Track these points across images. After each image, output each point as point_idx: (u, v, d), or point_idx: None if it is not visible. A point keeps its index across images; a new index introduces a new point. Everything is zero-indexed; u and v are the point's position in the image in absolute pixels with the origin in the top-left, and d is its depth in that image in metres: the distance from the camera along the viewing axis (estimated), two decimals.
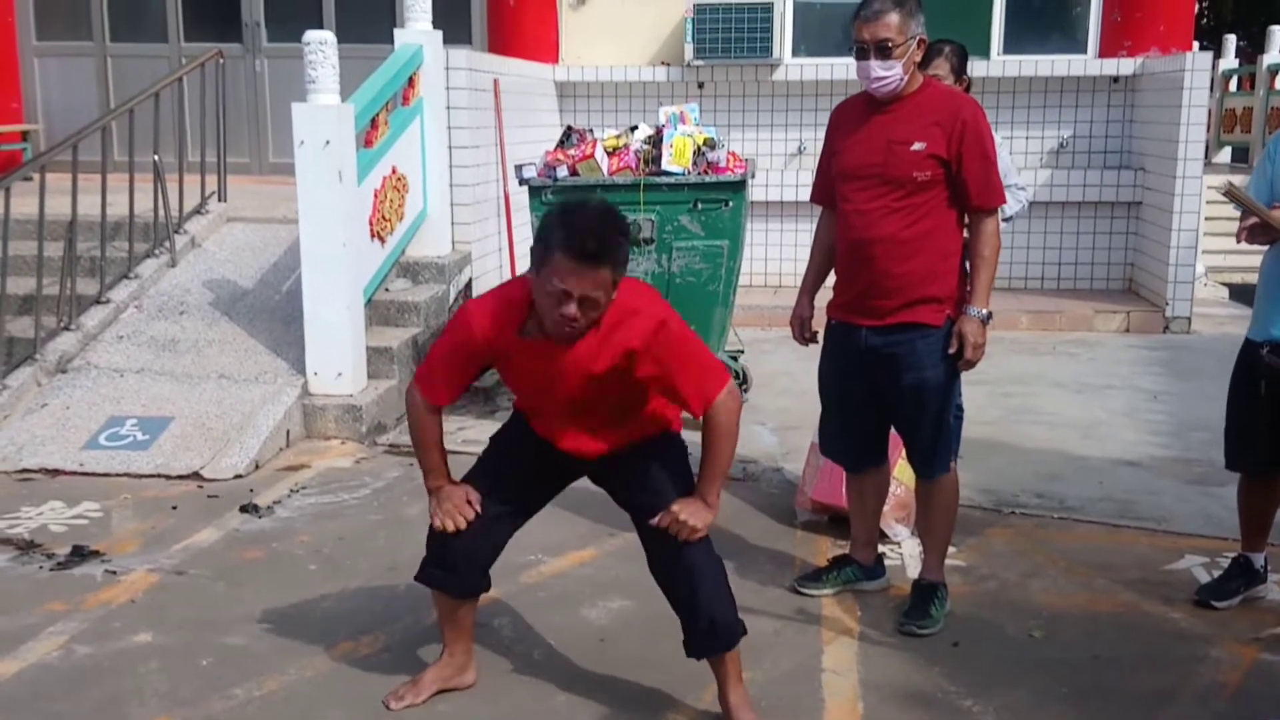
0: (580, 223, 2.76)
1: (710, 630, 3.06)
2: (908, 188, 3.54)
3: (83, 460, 5.34)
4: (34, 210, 6.14)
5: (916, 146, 3.51)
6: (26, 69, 9.83)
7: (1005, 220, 4.41)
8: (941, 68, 4.34)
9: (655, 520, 3.02)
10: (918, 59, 3.57)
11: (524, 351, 2.98)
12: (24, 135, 9.45)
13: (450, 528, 3.09)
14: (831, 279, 3.89)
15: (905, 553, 4.32)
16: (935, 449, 3.72)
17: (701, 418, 2.99)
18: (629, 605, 3.89)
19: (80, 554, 4.30)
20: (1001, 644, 3.62)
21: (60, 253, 6.30)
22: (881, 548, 4.13)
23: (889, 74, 3.50)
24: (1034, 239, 9.09)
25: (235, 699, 3.27)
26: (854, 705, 3.25)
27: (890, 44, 3.46)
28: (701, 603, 3.05)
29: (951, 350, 3.59)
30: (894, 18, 3.46)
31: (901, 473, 4.28)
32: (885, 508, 4.14)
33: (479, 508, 3.12)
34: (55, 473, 5.26)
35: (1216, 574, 4.01)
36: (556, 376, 2.96)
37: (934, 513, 3.81)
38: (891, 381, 3.67)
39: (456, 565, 3.18)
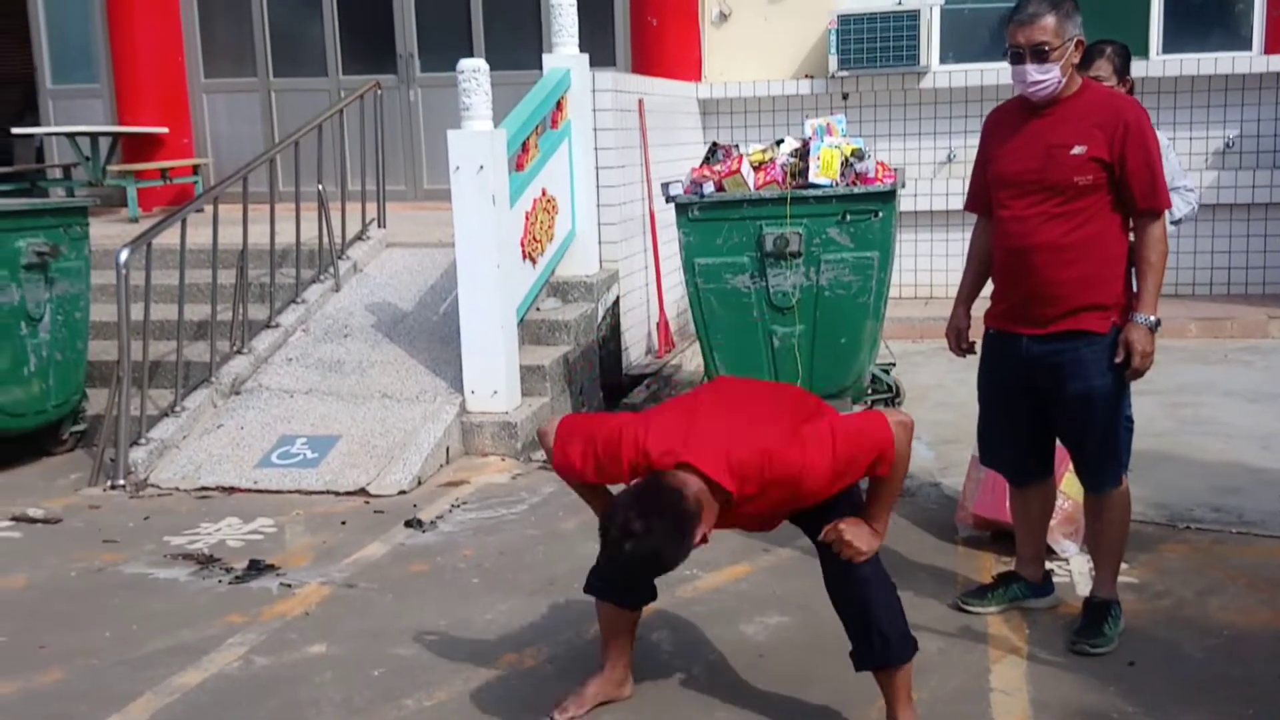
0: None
1: (883, 644, 3.03)
2: (1068, 193, 3.45)
3: (256, 478, 5.58)
4: (208, 240, 6.45)
5: (1077, 150, 3.42)
6: (196, 105, 10.32)
7: (1174, 224, 4.27)
8: (1104, 69, 4.22)
9: (822, 535, 3.02)
10: (1075, 61, 3.48)
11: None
12: (195, 169, 9.91)
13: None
14: (988, 289, 3.83)
15: (1074, 569, 4.18)
16: (1104, 462, 3.60)
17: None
18: (787, 621, 3.87)
19: (257, 568, 4.49)
20: (1179, 663, 3.48)
21: (232, 280, 6.59)
22: (1049, 564, 4.01)
23: (1046, 77, 3.42)
24: (1201, 243, 8.74)
25: (406, 709, 3.37)
26: None
27: (1047, 47, 3.38)
28: (872, 618, 3.02)
29: (1118, 359, 3.48)
30: (1050, 20, 3.39)
31: (1068, 486, 4.16)
32: (1052, 522, 4.02)
33: None
34: (231, 490, 5.50)
35: None
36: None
37: (1105, 528, 3.69)
38: (1057, 392, 3.57)
39: (621, 579, 3.20)
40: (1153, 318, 3.48)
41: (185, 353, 6.26)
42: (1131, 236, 3.56)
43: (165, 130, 10.00)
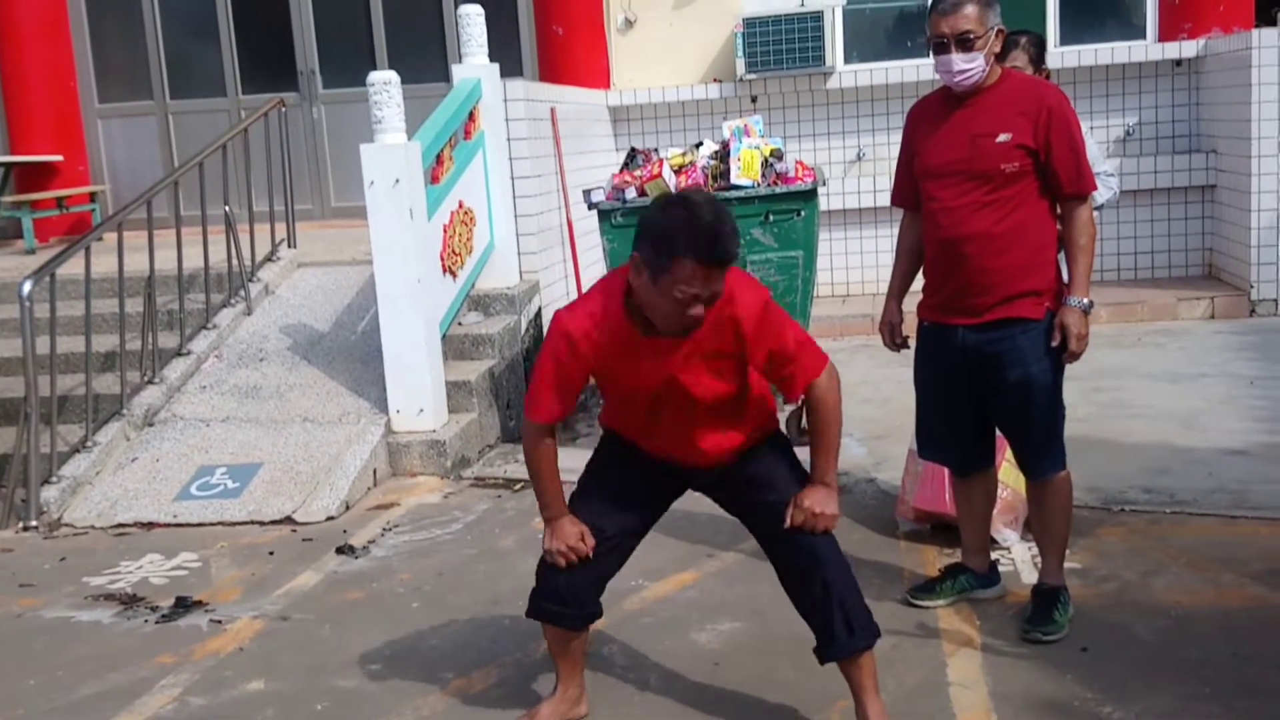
0: (710, 228, 2.72)
1: (848, 627, 2.98)
2: (995, 180, 3.46)
3: (176, 511, 5.38)
4: (112, 268, 6.22)
5: (1002, 138, 3.45)
6: (90, 131, 10.00)
7: (1097, 209, 4.31)
8: (1020, 59, 4.25)
9: (788, 523, 2.96)
10: (997, 50, 3.51)
11: (632, 352, 2.93)
12: (92, 196, 9.59)
13: (562, 564, 3.06)
14: (919, 282, 3.82)
15: (1017, 558, 4.20)
16: (1046, 447, 3.61)
17: (802, 400, 2.97)
18: (739, 626, 3.82)
19: (184, 605, 4.31)
20: (1132, 647, 3.50)
21: (140, 308, 6.37)
22: (992, 554, 4.01)
23: (971, 66, 3.44)
24: (1107, 229, 8.90)
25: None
26: (987, 718, 3.14)
27: (971, 35, 3.41)
28: (836, 600, 2.97)
29: (1054, 343, 3.51)
30: (972, 9, 3.42)
31: (1006, 475, 4.16)
32: (993, 512, 4.03)
33: (590, 551, 3.07)
34: (150, 525, 5.30)
35: None
36: (666, 373, 2.92)
37: (1049, 514, 3.70)
38: (996, 380, 3.57)
39: (567, 599, 3.12)
40: (1085, 300, 3.52)
41: (94, 385, 6.02)
42: (1060, 222, 3.59)
43: (59, 158, 9.68)
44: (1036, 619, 3.59)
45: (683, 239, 2.71)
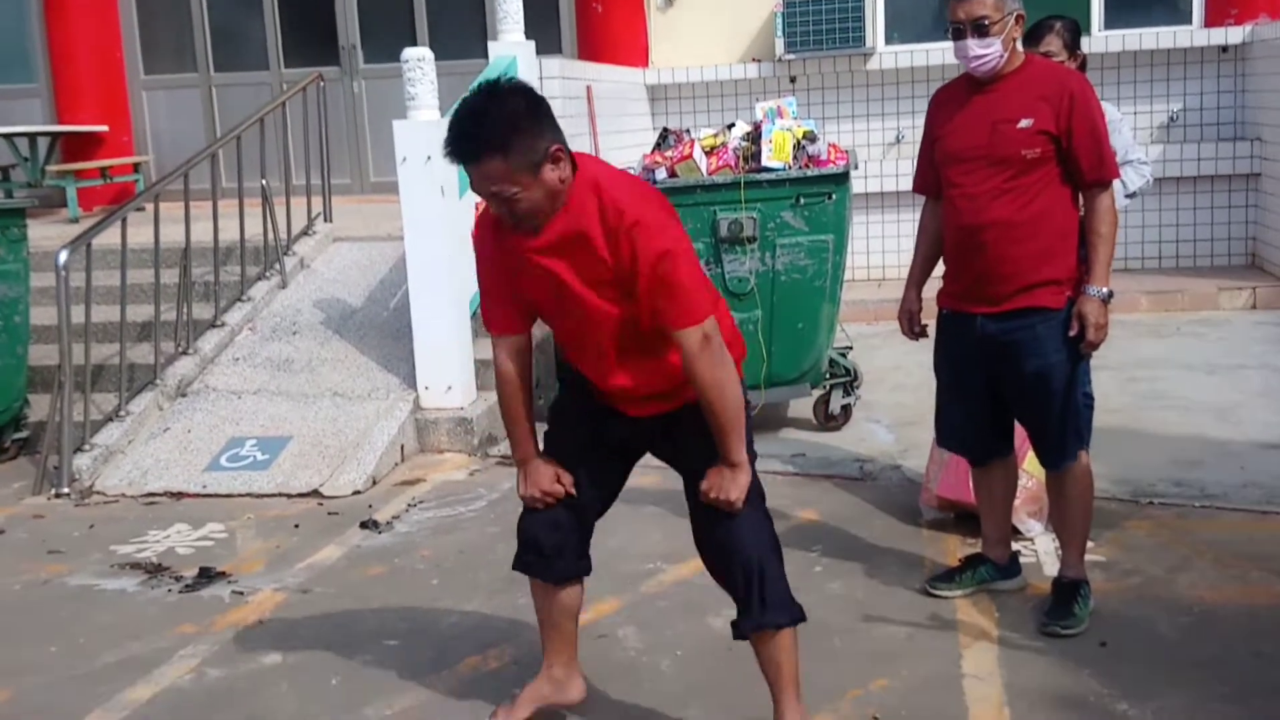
0: (451, 125, 2.58)
1: (761, 602, 2.79)
2: (1016, 167, 3.43)
3: (205, 482, 5.43)
4: (149, 239, 6.28)
5: (1023, 124, 3.41)
6: (135, 102, 10.09)
7: (1130, 196, 4.25)
8: (1054, 44, 4.17)
9: (701, 496, 2.78)
10: (1017, 35, 3.47)
11: (507, 251, 2.77)
12: (135, 167, 9.70)
13: (540, 508, 2.94)
14: (939, 269, 3.78)
15: (1040, 549, 4.16)
16: (1065, 438, 3.56)
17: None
18: None
19: (208, 575, 4.36)
20: (1153, 643, 3.45)
21: (176, 279, 6.42)
22: (1015, 545, 3.97)
23: (988, 52, 3.41)
24: (1149, 217, 8.78)
25: (366, 718, 3.27)
26: (1000, 711, 3.12)
27: (987, 21, 3.38)
28: (752, 572, 2.78)
29: (1072, 332, 3.46)
30: None
31: (1032, 465, 4.12)
32: (1016, 502, 3.99)
33: (570, 487, 2.95)
34: (179, 495, 5.36)
35: None
36: (548, 277, 2.74)
37: (1069, 505, 3.65)
38: (1014, 370, 3.53)
39: (546, 549, 2.98)
40: (1105, 289, 3.46)
41: (129, 355, 6.08)
42: (1082, 209, 3.53)
43: (105, 129, 9.77)
44: (1055, 612, 3.56)
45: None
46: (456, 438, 5.85)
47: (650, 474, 5.23)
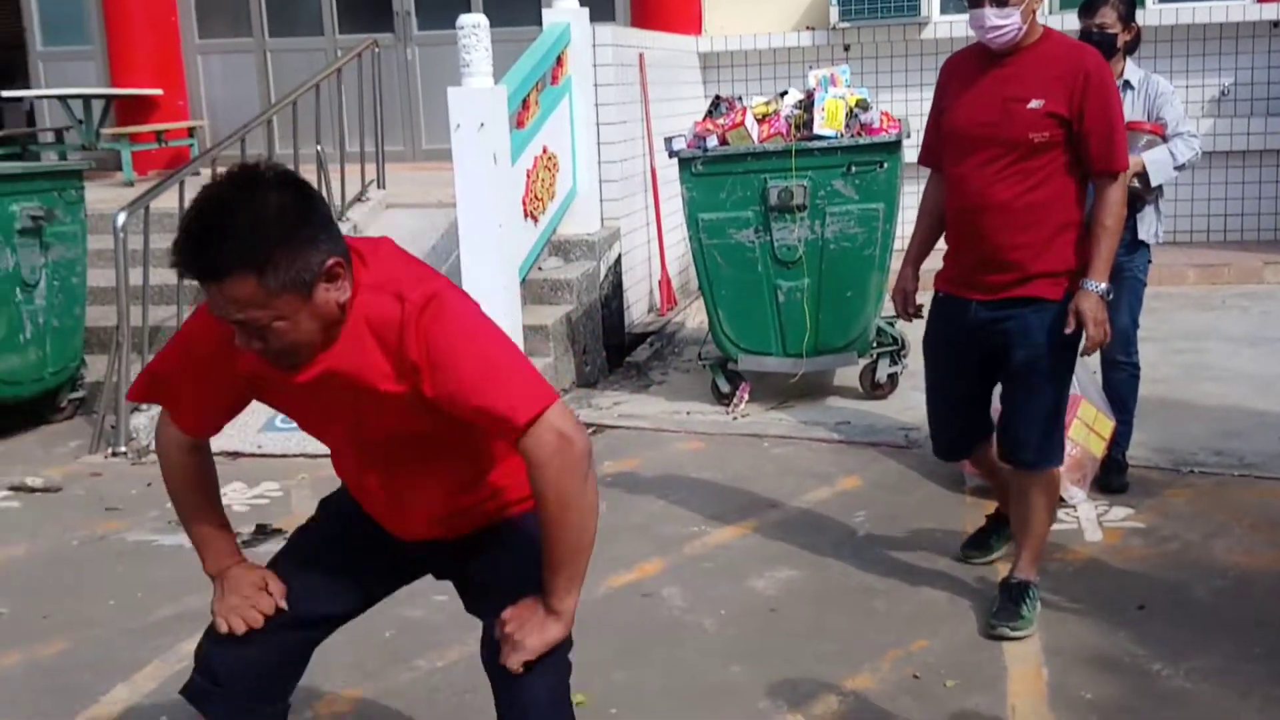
0: (187, 223, 1.86)
1: None
2: (1022, 150, 3.23)
3: (260, 442, 5.57)
4: None
5: (1034, 104, 3.21)
6: (190, 66, 10.21)
7: (1179, 169, 4.23)
8: (1108, 16, 4.15)
9: (496, 631, 2.08)
10: (1037, 6, 3.28)
11: (266, 377, 2.07)
12: (190, 131, 9.83)
13: (239, 629, 2.17)
14: (940, 247, 3.64)
15: (1081, 516, 4.18)
16: (1044, 437, 3.39)
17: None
18: (797, 575, 3.87)
19: (264, 532, 4.48)
20: (1188, 606, 3.50)
21: None
22: (1059, 511, 3.97)
23: (1006, 23, 3.20)
24: (1198, 190, 8.69)
25: (419, 670, 3.37)
26: (1038, 671, 3.17)
27: None
28: None
29: (1068, 329, 3.25)
30: None
31: (1076, 432, 4.14)
32: (1060, 469, 3.99)
33: (281, 600, 2.22)
34: (235, 455, 5.49)
35: None
36: (320, 412, 2.15)
37: (1033, 510, 3.44)
38: (1004, 359, 3.38)
39: (221, 678, 2.19)
40: (1104, 285, 3.26)
41: (184, 317, 6.19)
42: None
43: (159, 92, 9.90)
44: (1003, 613, 3.39)
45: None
46: None
47: (695, 440, 5.35)
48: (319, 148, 6.98)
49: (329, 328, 1.94)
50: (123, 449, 5.54)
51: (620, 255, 7.31)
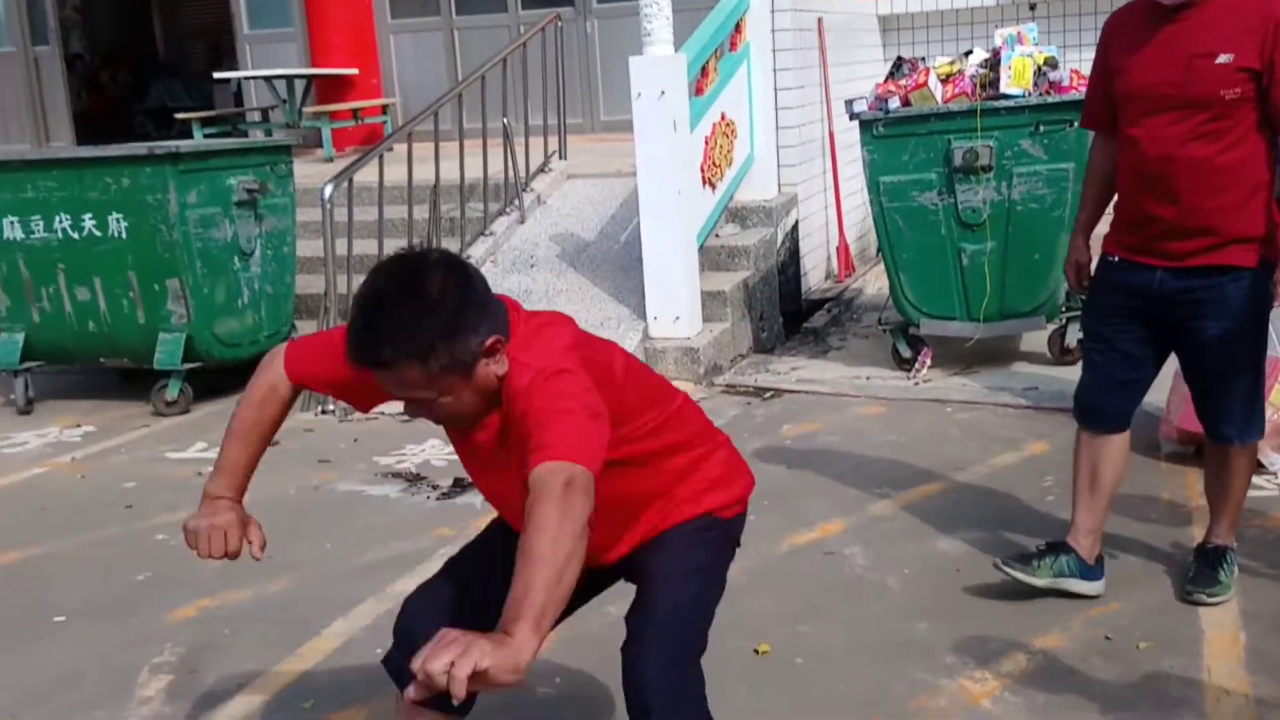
0: (354, 317, 2.01)
1: None
2: (1214, 109, 3.01)
3: None
4: (399, 177, 6.68)
5: (1223, 59, 2.98)
6: (383, 46, 10.62)
7: None
8: None
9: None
10: None
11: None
12: (384, 108, 10.23)
13: (203, 552, 2.32)
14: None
15: None
16: (1244, 412, 3.23)
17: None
18: (983, 536, 3.86)
19: (461, 485, 4.70)
20: None
21: (425, 215, 6.82)
22: (1258, 478, 3.83)
23: None
24: None
25: (609, 616, 3.49)
26: (1235, 635, 3.11)
27: None
28: None
29: (1277, 301, 3.10)
30: None
31: (1277, 398, 4.00)
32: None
33: (259, 551, 2.39)
34: None
35: None
36: (484, 469, 2.27)
37: (1233, 478, 3.32)
38: (1195, 332, 3.16)
39: (400, 639, 2.39)
40: None
41: None
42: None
43: (355, 71, 10.33)
44: (1200, 578, 3.31)
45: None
46: (684, 366, 6.04)
47: (875, 404, 5.35)
48: (505, 120, 7.19)
49: (489, 397, 2.07)
50: (331, 407, 5.87)
51: (797, 221, 7.31)
